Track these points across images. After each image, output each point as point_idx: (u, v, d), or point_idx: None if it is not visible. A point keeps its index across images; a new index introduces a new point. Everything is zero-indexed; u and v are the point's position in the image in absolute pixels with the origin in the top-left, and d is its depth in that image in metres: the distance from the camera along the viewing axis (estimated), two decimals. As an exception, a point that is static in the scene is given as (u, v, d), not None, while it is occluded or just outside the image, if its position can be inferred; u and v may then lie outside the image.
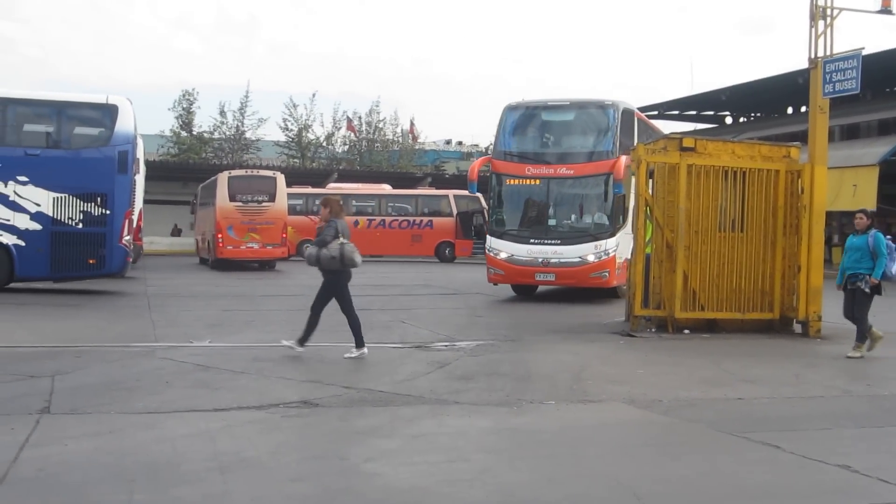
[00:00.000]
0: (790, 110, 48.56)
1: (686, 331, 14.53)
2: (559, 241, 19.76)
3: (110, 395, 8.85)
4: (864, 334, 12.44)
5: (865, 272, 12.26)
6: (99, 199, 19.27)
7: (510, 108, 21.12)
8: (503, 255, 20.13)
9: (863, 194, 35.94)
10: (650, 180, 14.98)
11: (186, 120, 57.16)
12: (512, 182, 20.68)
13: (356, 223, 41.68)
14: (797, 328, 14.83)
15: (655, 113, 52.71)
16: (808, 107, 15.79)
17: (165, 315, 16.37)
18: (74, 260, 19.24)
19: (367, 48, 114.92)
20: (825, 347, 13.53)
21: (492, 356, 11.98)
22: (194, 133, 57.11)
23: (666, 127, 49.85)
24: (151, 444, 6.91)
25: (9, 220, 18.89)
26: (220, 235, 32.91)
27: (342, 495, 5.73)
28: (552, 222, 20.32)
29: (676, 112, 54.53)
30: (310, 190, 42.28)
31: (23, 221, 18.98)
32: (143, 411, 8.11)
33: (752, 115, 53.68)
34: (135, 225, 22.80)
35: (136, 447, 6.82)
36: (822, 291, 14.66)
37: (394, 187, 44.17)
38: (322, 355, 11.82)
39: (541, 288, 22.00)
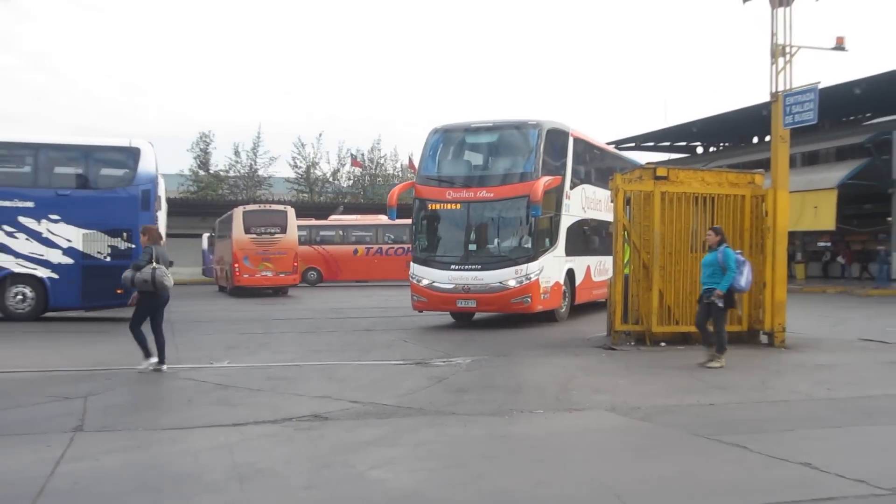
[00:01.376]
0: (755, 139, 48.78)
1: (662, 343, 14.57)
2: (479, 267, 17.86)
3: (138, 414, 8.92)
4: (723, 345, 12.20)
5: (716, 286, 12.18)
6: (125, 234, 19.39)
7: (434, 131, 19.27)
8: (425, 282, 18.36)
9: (823, 215, 36.09)
10: (627, 207, 15.07)
11: (204, 160, 57.38)
12: (433, 207, 18.68)
13: (355, 251, 41.78)
14: (763, 339, 14.85)
15: (633, 145, 53.03)
16: (771, 136, 15.90)
17: (188, 339, 16.39)
18: (103, 290, 19.30)
19: (368, 92, 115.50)
20: (789, 356, 13.57)
21: (486, 370, 12.00)
22: (211, 172, 57.28)
23: (642, 157, 50.16)
24: (176, 458, 6.97)
25: (43, 255, 19.04)
26: (236, 265, 33.01)
27: (350, 501, 5.77)
28: (472, 247, 18.26)
29: (652, 143, 54.76)
30: (313, 222, 42.38)
31: (56, 256, 19.11)
32: (167, 427, 8.16)
33: (721, 144, 53.90)
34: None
35: (162, 460, 6.88)
36: (785, 305, 14.69)
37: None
38: (330, 373, 11.84)
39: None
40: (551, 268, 18.36)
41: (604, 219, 21.81)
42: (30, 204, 19.10)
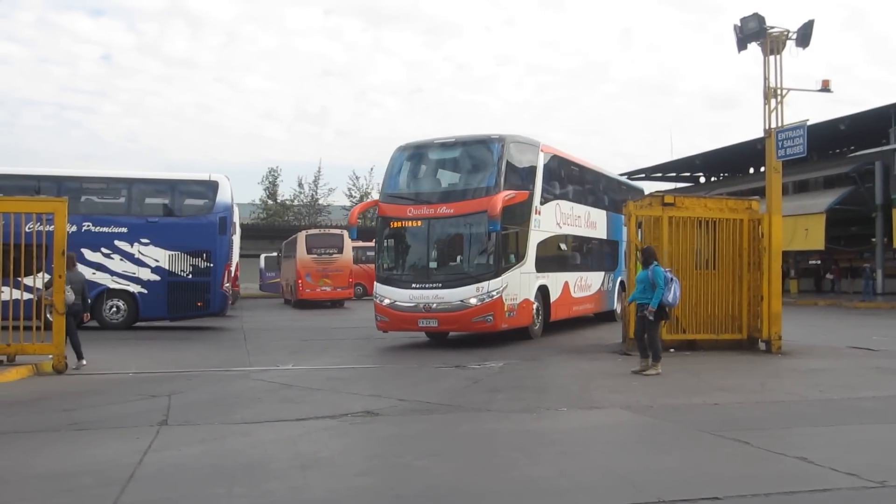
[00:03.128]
0: (752, 170, 48.24)
1: (671, 350, 14.30)
2: (440, 285, 15.34)
3: (215, 410, 8.94)
4: (657, 354, 11.63)
5: (648, 301, 11.62)
6: (204, 255, 19.65)
7: (399, 149, 16.81)
8: (387, 302, 15.84)
9: (813, 236, 35.59)
10: (639, 230, 14.93)
11: (272, 191, 57.82)
12: (395, 224, 16.20)
13: None
14: (762, 346, 14.57)
15: (643, 176, 52.69)
16: (765, 168, 15.69)
17: (257, 345, 16.48)
18: (186, 303, 19.59)
19: (413, 131, 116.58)
20: (785, 361, 13.30)
21: (516, 373, 11.92)
22: (278, 201, 57.70)
23: (651, 186, 49.61)
24: (247, 448, 6.97)
25: (135, 274, 19.35)
26: (300, 281, 33.21)
27: (397, 487, 5.73)
28: (433, 265, 15.86)
29: (660, 174, 54.41)
30: (360, 244, 42.47)
31: (145, 274, 19.39)
32: (240, 422, 8.18)
33: (721, 175, 53.39)
34: (233, 274, 23.06)
35: (235, 451, 6.88)
36: (781, 316, 14.45)
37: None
38: (380, 374, 11.84)
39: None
40: (518, 285, 15.90)
41: (584, 235, 20.27)
42: (124, 229, 19.42)
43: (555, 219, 18.17)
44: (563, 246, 18.94)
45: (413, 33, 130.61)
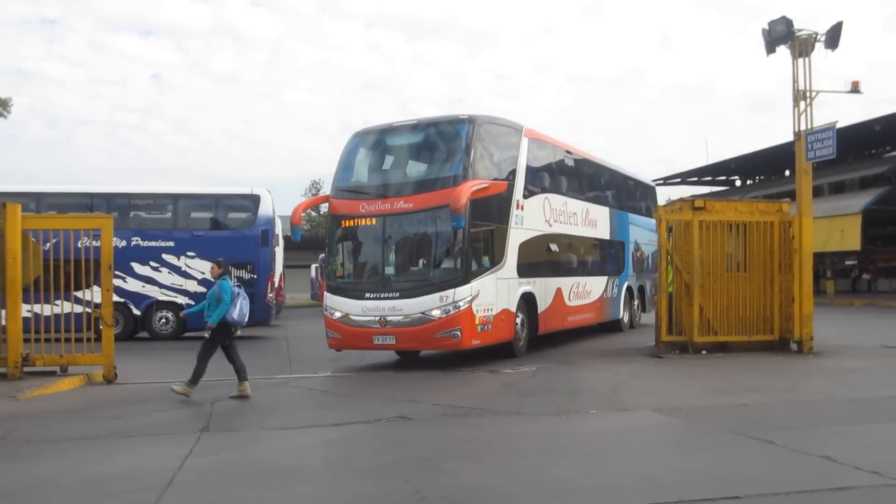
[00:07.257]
0: (787, 173, 47.54)
1: (703, 352, 14.23)
2: (398, 295, 12.75)
3: (255, 416, 9.11)
4: (197, 377, 10.40)
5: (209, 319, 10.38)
6: (248, 266, 19.97)
7: (354, 135, 14.41)
8: (338, 315, 13.30)
9: (849, 237, 35.03)
10: (670, 234, 14.84)
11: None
12: (346, 224, 13.70)
13: None
14: (793, 347, 14.36)
15: (679, 180, 52.24)
16: (796, 170, 15.49)
17: (299, 353, 16.67)
18: (230, 314, 19.81)
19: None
20: (816, 361, 13.10)
21: (549, 376, 11.89)
22: (321, 213, 58.28)
23: (687, 191, 49.24)
24: (283, 453, 7.08)
25: (182, 286, 19.73)
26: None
27: (423, 489, 5.76)
28: (390, 271, 13.28)
29: (696, 178, 53.88)
30: None
31: (192, 286, 19.76)
32: (279, 427, 8.31)
33: (757, 178, 52.73)
34: (276, 285, 23.34)
35: (272, 455, 7.00)
36: (812, 316, 14.22)
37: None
38: (415, 379, 11.89)
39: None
40: (493, 292, 13.26)
41: (581, 234, 17.51)
42: (171, 243, 19.82)
43: (543, 215, 15.45)
44: (553, 247, 16.07)
45: (452, 44, 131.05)
